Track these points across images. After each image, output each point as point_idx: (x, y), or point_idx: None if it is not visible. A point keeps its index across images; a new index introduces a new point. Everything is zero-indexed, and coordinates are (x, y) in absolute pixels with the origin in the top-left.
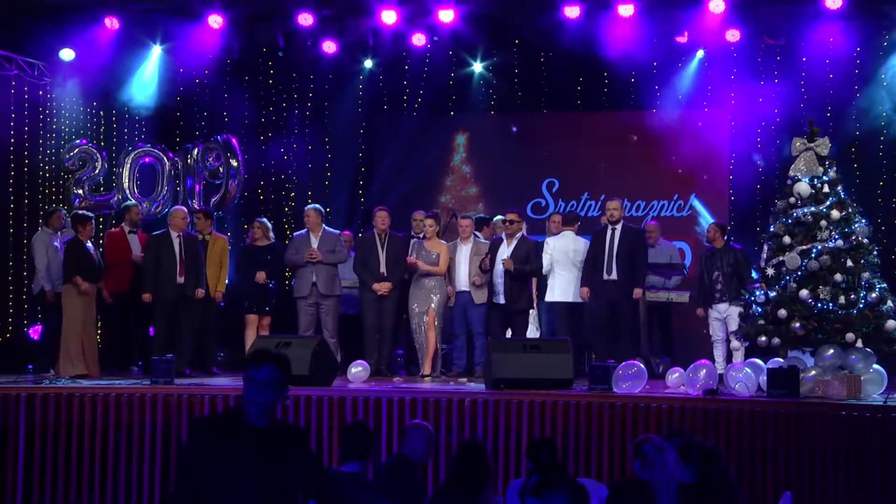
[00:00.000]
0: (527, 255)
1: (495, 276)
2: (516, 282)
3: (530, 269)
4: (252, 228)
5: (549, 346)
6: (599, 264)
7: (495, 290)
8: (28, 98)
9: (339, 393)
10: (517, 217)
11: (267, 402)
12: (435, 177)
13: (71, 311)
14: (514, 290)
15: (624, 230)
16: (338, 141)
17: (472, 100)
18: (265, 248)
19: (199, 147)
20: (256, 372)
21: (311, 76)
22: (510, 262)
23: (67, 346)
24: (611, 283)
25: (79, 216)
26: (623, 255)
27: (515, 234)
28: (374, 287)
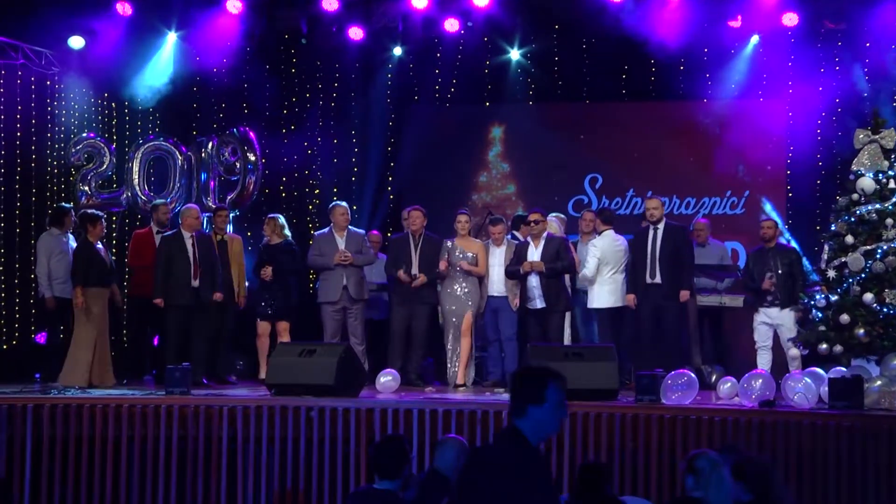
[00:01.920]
0: (556, 253)
1: (529, 281)
2: (552, 280)
3: (562, 266)
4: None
5: (593, 353)
6: (641, 267)
7: (529, 294)
8: (35, 89)
9: (367, 404)
10: (541, 216)
11: None
12: (469, 173)
13: (82, 317)
14: (552, 290)
15: (666, 229)
16: (364, 134)
17: (509, 90)
18: (277, 246)
19: (214, 141)
20: None
21: (336, 65)
22: (540, 264)
23: (77, 355)
24: (654, 286)
25: (88, 215)
26: (666, 256)
27: (541, 235)
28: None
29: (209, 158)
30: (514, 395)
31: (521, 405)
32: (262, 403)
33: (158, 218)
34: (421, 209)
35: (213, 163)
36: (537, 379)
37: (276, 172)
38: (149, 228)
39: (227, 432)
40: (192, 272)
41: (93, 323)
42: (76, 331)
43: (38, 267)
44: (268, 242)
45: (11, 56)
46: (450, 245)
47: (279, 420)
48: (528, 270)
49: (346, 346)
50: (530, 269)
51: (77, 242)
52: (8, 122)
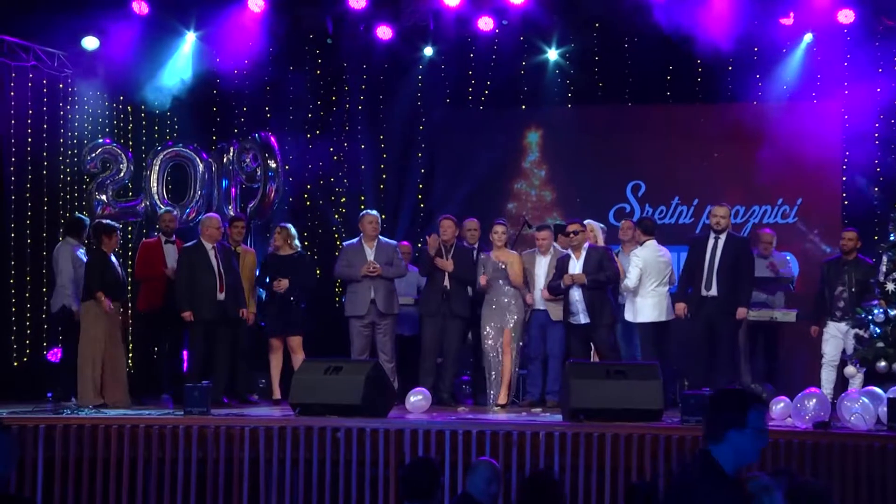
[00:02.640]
0: (599, 264)
1: (571, 295)
2: (596, 293)
3: (606, 277)
4: (278, 235)
5: (636, 371)
6: (697, 278)
7: (573, 309)
8: (47, 92)
9: (397, 425)
10: (580, 227)
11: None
12: (504, 180)
13: (91, 331)
14: (596, 303)
15: (729, 240)
16: (394, 139)
17: (546, 92)
18: (287, 258)
19: (235, 146)
20: None
21: (363, 66)
22: (581, 276)
23: (85, 370)
24: (710, 299)
25: (103, 226)
26: (726, 268)
27: (582, 246)
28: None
29: (230, 165)
30: (712, 420)
31: (720, 430)
32: (286, 424)
33: (162, 227)
34: (452, 218)
35: (234, 170)
36: (738, 402)
37: (300, 180)
38: (157, 238)
39: (249, 454)
40: (218, 285)
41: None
42: (81, 346)
43: (62, 277)
44: (275, 252)
45: (22, 57)
46: (484, 257)
47: (303, 441)
48: (570, 284)
49: (375, 363)
50: (571, 283)
51: (90, 254)
52: (19, 126)
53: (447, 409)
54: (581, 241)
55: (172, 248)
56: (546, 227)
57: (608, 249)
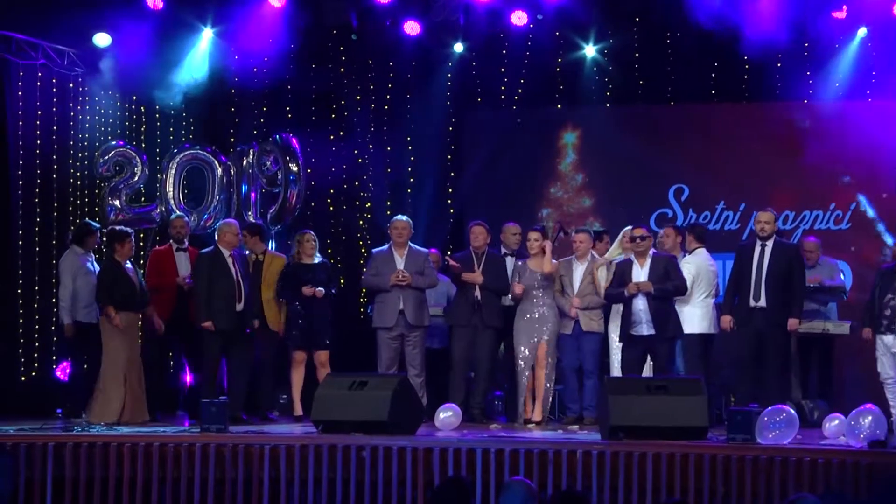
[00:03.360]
0: (665, 272)
1: (634, 304)
2: (661, 303)
3: (673, 287)
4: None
5: (679, 386)
6: (745, 288)
7: (635, 319)
8: (56, 91)
9: (426, 443)
10: (647, 232)
11: None
12: (538, 184)
13: (111, 346)
14: (661, 313)
15: (776, 247)
16: (422, 141)
17: (584, 90)
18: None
19: (255, 148)
20: None
21: (389, 63)
22: (648, 285)
23: (106, 387)
24: (758, 310)
25: (116, 232)
26: (774, 277)
27: (647, 252)
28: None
29: (250, 168)
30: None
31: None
32: (308, 442)
33: (173, 233)
34: (484, 224)
35: (254, 173)
36: None
37: (322, 184)
38: (168, 245)
39: (269, 474)
40: (237, 295)
41: (122, 352)
42: (104, 362)
43: (62, 289)
44: (297, 261)
45: (31, 56)
46: (520, 265)
47: (327, 460)
48: (635, 292)
49: (402, 377)
50: (637, 291)
51: (102, 262)
52: (27, 128)
53: (479, 426)
54: (647, 248)
55: (184, 255)
56: (584, 230)
57: (674, 258)
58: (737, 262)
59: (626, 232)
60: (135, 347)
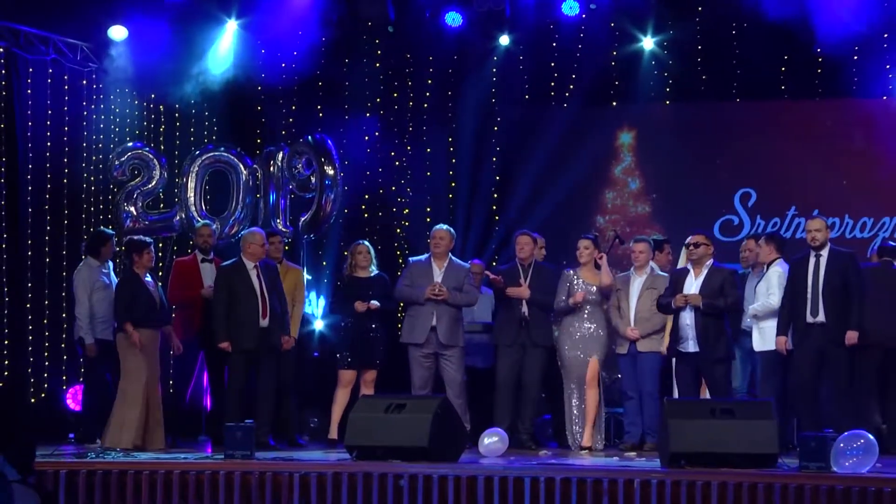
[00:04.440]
0: (721, 287)
1: (682, 318)
2: (711, 320)
3: (725, 304)
4: (352, 254)
5: (746, 409)
6: (801, 303)
7: (681, 334)
8: (68, 89)
9: (469, 470)
10: (704, 239)
11: None
12: (592, 189)
13: (129, 365)
14: (710, 331)
15: (831, 256)
16: (465, 142)
17: (641, 87)
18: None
19: (285, 151)
20: None
21: (430, 58)
22: (697, 297)
23: (122, 410)
24: (817, 326)
25: (134, 242)
26: (832, 289)
27: (705, 262)
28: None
29: (279, 172)
30: None
31: None
32: (341, 470)
33: (198, 242)
34: (530, 234)
35: (283, 177)
36: None
37: (357, 189)
38: (193, 256)
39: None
40: (261, 310)
41: (141, 372)
42: (122, 383)
43: (78, 306)
44: (351, 274)
45: (41, 50)
46: (571, 275)
47: (361, 490)
48: (682, 304)
49: (443, 399)
50: (684, 304)
51: (120, 274)
52: (37, 128)
53: (526, 452)
54: (704, 257)
55: (210, 267)
56: (644, 239)
57: (734, 272)
58: (791, 276)
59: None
60: (155, 367)
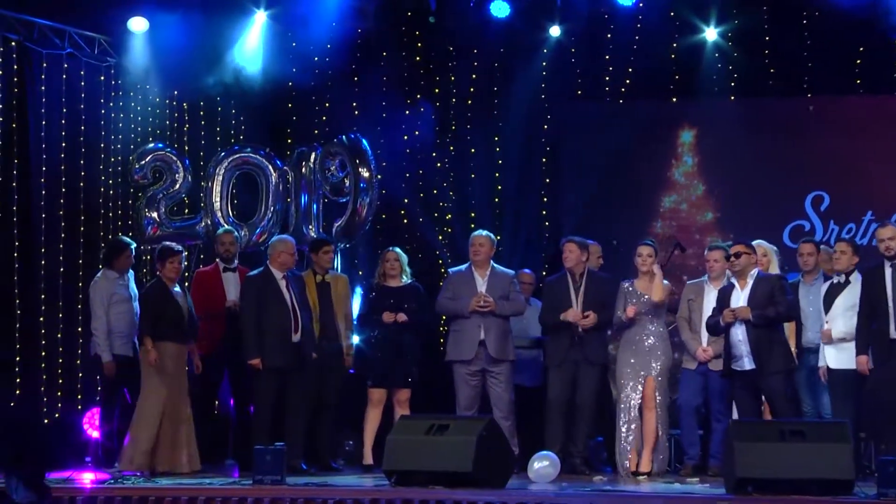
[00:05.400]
0: (770, 295)
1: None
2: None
3: (776, 313)
4: (382, 262)
5: (819, 431)
6: (881, 318)
7: (735, 352)
8: (85, 85)
9: (518, 497)
10: (745, 248)
11: None
12: (650, 192)
13: (150, 381)
14: (764, 343)
15: None
16: (512, 141)
17: (704, 81)
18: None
19: (318, 151)
20: None
21: (474, 51)
22: (745, 310)
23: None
24: None
25: (163, 249)
26: None
27: (748, 272)
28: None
29: (311, 175)
30: None
31: None
32: (379, 496)
33: (220, 251)
34: (577, 241)
35: (315, 180)
36: None
37: (395, 192)
38: (215, 265)
39: None
40: (293, 324)
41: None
42: (139, 400)
43: (95, 321)
44: (382, 283)
45: (55, 44)
46: (627, 287)
47: None
48: (731, 320)
49: (489, 420)
50: (733, 319)
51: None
52: (52, 128)
53: (580, 478)
54: (746, 267)
55: (234, 276)
56: (719, 247)
57: (782, 278)
58: (866, 289)
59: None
60: (181, 384)
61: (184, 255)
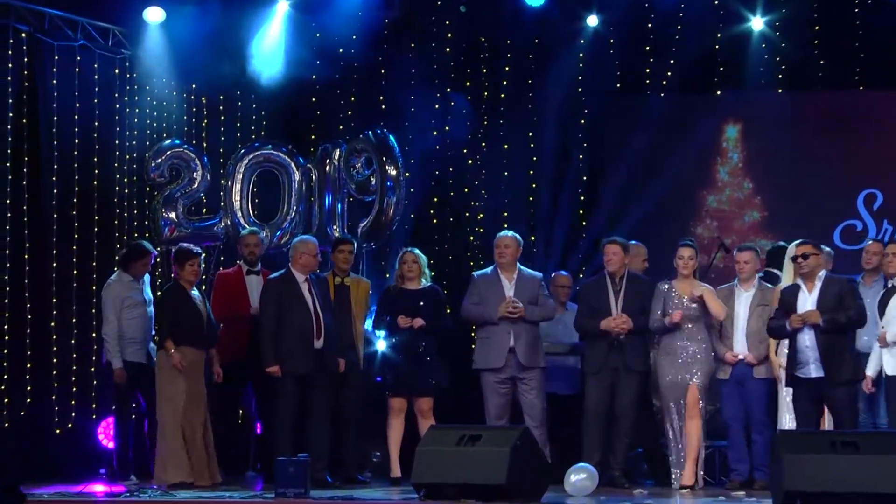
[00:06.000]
0: (839, 299)
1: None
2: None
3: (847, 319)
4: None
5: (873, 442)
6: None
7: (801, 358)
8: (98, 79)
9: None
10: (813, 249)
11: None
12: (691, 190)
13: (170, 390)
14: (835, 351)
15: None
16: (547, 137)
17: (750, 73)
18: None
19: (343, 148)
20: None
21: (507, 42)
22: (816, 315)
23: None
24: None
25: (181, 251)
26: None
27: (817, 274)
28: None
29: (336, 173)
30: None
31: None
32: None
33: (244, 253)
34: (620, 242)
35: (340, 179)
36: None
37: (424, 191)
38: (238, 268)
39: None
40: (315, 329)
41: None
42: (160, 411)
43: (106, 326)
44: (399, 285)
45: (68, 35)
46: (665, 289)
47: None
48: (799, 325)
49: (523, 430)
50: (802, 324)
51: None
52: (64, 124)
53: (619, 491)
54: (814, 268)
55: (257, 279)
56: (749, 248)
57: (851, 281)
58: None
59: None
60: (198, 392)
61: (202, 258)
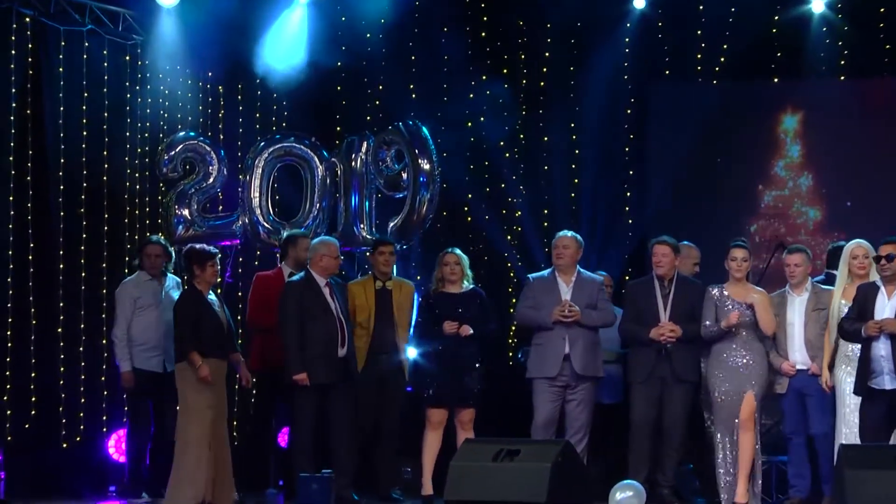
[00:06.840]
0: None
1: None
2: None
3: None
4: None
5: None
6: None
7: (874, 367)
8: (108, 66)
9: None
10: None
11: None
12: (747, 187)
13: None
14: None
15: None
16: (590, 127)
17: (809, 59)
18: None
19: (371, 141)
20: None
21: (546, 25)
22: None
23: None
24: None
25: (196, 253)
26: None
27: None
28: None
29: (363, 167)
30: None
31: None
32: None
33: (297, 256)
34: (671, 242)
35: (368, 174)
36: None
37: (458, 187)
38: (278, 270)
39: None
40: (339, 337)
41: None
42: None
43: (116, 326)
44: (437, 290)
45: (75, 20)
46: (716, 293)
47: None
48: (876, 332)
49: (565, 444)
50: (878, 331)
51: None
52: (71, 114)
53: None
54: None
55: None
56: (799, 249)
57: None
58: None
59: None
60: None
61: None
